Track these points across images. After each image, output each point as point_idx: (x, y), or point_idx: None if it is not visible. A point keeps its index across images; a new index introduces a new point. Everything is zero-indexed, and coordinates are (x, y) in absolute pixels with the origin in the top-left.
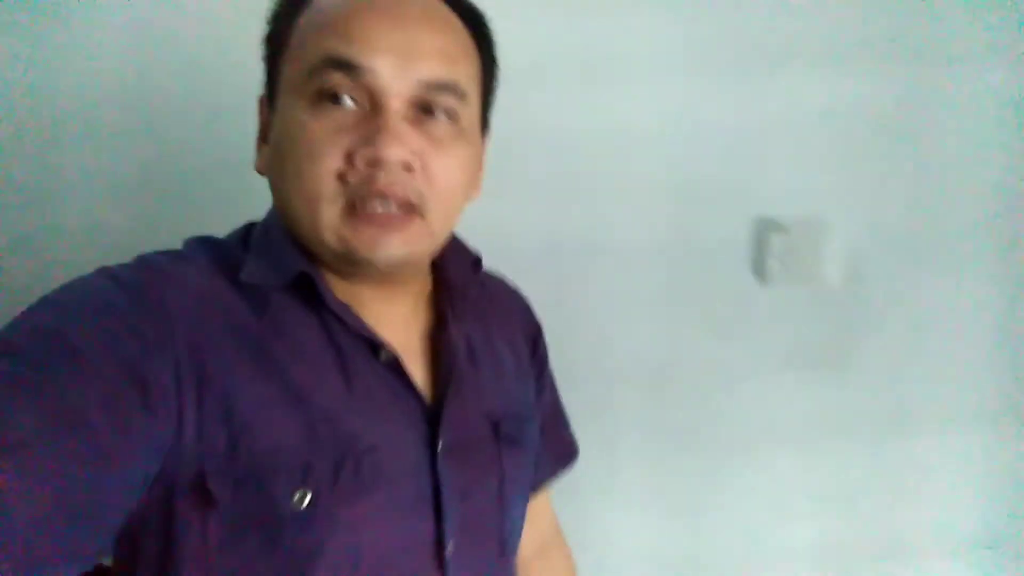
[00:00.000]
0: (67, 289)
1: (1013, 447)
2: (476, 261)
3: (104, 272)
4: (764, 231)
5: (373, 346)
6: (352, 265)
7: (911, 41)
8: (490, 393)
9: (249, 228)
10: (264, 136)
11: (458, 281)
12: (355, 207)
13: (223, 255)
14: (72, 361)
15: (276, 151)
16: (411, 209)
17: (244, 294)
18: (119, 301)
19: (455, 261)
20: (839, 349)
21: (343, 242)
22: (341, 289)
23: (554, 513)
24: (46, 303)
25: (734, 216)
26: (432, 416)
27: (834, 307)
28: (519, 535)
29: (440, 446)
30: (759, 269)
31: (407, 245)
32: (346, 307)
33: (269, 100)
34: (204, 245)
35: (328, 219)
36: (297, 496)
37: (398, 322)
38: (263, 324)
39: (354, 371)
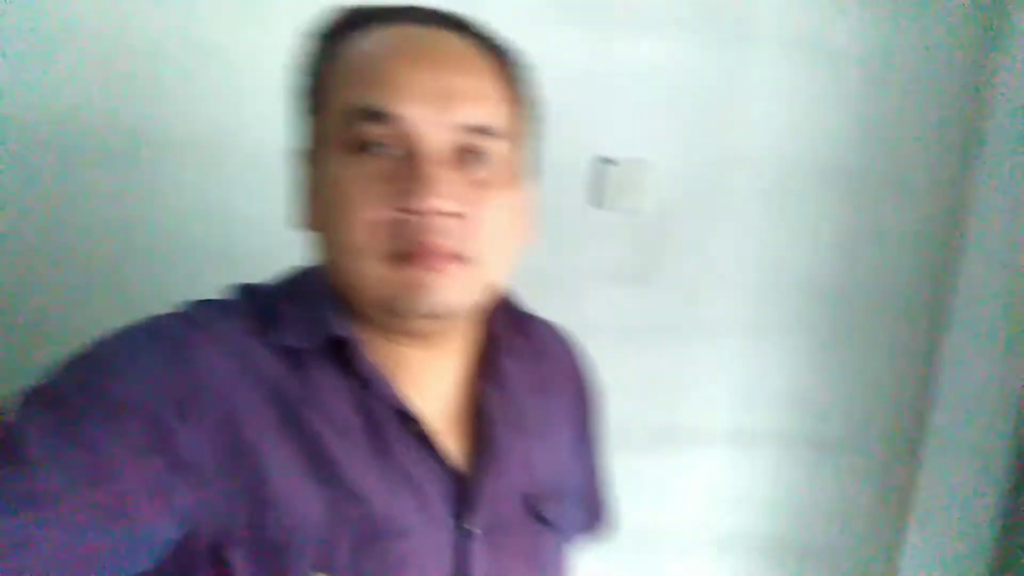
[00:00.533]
0: (114, 341)
1: (767, 354)
2: (522, 314)
3: (153, 326)
4: (600, 165)
5: (409, 419)
6: (397, 318)
7: (732, 24)
8: (536, 462)
9: (297, 277)
10: (302, 190)
11: (503, 337)
12: (399, 257)
13: (266, 310)
14: (110, 418)
15: (321, 205)
16: (459, 259)
17: (282, 354)
18: (161, 361)
19: (501, 314)
20: (649, 268)
21: (388, 290)
22: (383, 350)
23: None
24: (94, 356)
25: (577, 151)
26: (466, 493)
27: (649, 233)
28: None
29: (474, 527)
30: (595, 197)
31: (456, 292)
32: (380, 375)
33: (305, 154)
34: (248, 296)
35: (370, 270)
36: None
37: (441, 386)
38: (298, 388)
39: (385, 443)
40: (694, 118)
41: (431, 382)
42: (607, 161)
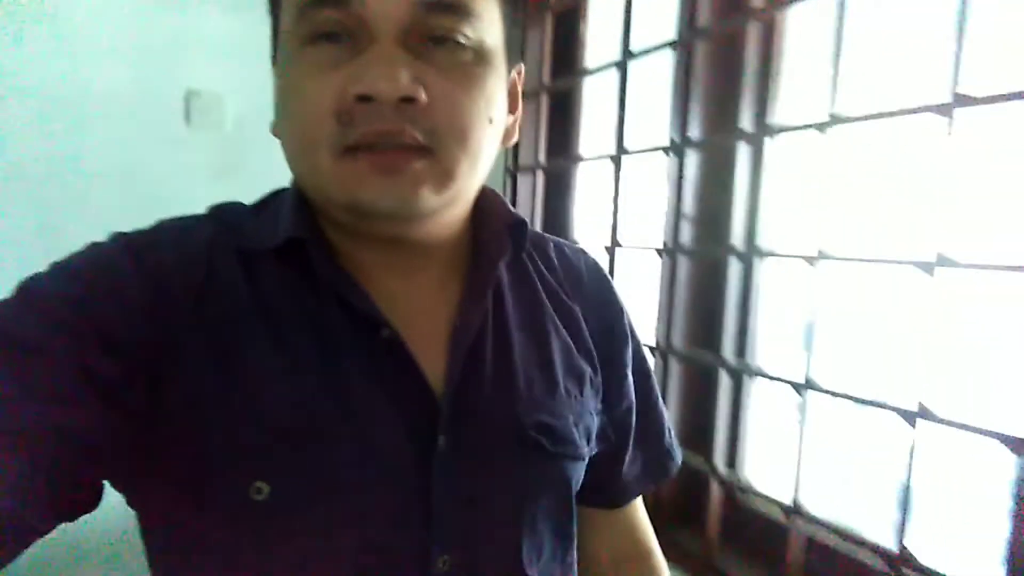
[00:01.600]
0: (77, 254)
1: None
2: (516, 223)
3: (118, 236)
4: (191, 96)
5: (373, 323)
6: (362, 218)
7: None
8: (525, 388)
9: (272, 193)
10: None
11: (490, 249)
12: (355, 149)
13: (231, 220)
14: (47, 316)
15: (278, 106)
16: (418, 148)
17: (238, 259)
18: (119, 266)
19: (490, 224)
20: (230, 168)
21: (344, 188)
22: (352, 259)
23: (644, 526)
24: (54, 267)
25: (170, 85)
26: (436, 409)
27: (228, 143)
28: (555, 557)
29: (441, 443)
30: (188, 118)
31: (417, 187)
32: (344, 277)
33: (272, 61)
34: (223, 210)
35: (325, 164)
36: (254, 487)
37: (420, 301)
38: (247, 291)
39: (344, 351)
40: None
41: (407, 296)
42: (196, 93)
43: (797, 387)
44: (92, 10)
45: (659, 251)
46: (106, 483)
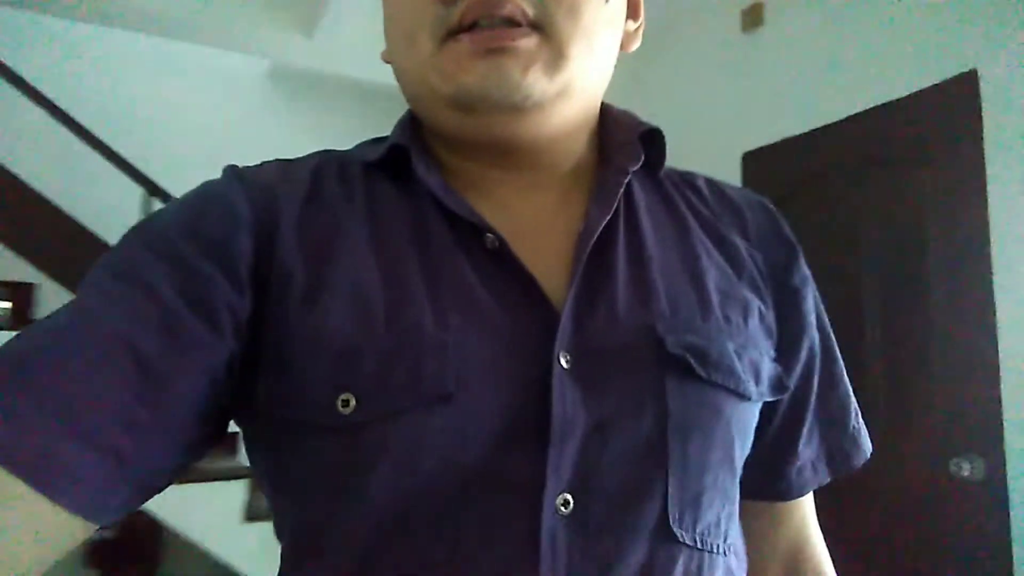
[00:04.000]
0: (192, 191)
1: None
2: (649, 132)
3: (227, 168)
4: None
5: (476, 231)
6: (469, 113)
7: None
8: (668, 305)
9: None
10: None
11: (618, 157)
12: (458, 32)
13: (345, 150)
14: (166, 259)
15: (387, 20)
16: (526, 25)
17: (346, 177)
18: (228, 189)
19: (618, 136)
20: None
21: (446, 76)
22: (463, 176)
23: (816, 540)
24: (171, 204)
25: None
26: (554, 318)
27: None
28: (716, 516)
29: (559, 357)
30: None
31: (526, 68)
32: (444, 185)
33: None
34: (329, 149)
35: (426, 51)
36: (340, 400)
37: (538, 215)
38: (350, 202)
39: (445, 260)
40: None
41: (520, 207)
42: None
43: None
44: None
45: None
46: None
